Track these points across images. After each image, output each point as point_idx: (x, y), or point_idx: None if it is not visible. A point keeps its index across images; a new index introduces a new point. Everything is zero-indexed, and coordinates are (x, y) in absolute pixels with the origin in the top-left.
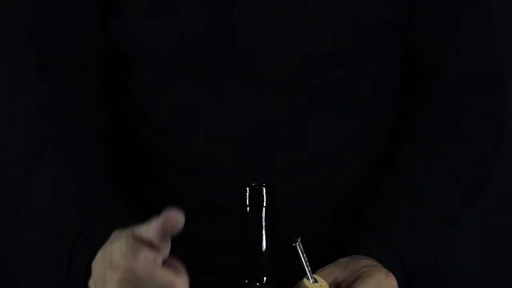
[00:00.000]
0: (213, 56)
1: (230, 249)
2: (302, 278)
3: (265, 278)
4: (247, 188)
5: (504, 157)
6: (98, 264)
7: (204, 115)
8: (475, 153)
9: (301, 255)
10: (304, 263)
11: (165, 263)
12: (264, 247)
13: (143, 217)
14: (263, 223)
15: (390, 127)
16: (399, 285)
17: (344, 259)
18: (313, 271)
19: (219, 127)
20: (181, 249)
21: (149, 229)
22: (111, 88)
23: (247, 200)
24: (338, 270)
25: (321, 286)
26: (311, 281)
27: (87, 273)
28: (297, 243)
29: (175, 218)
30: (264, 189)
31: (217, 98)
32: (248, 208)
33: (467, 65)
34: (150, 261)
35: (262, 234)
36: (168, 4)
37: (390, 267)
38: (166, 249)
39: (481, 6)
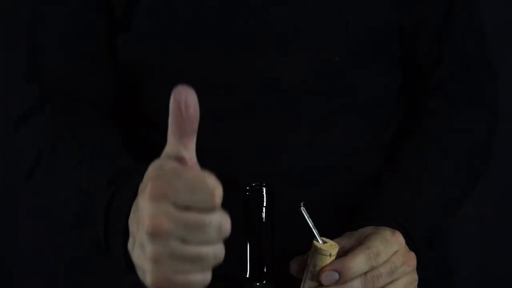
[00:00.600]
0: (228, 67)
1: (230, 252)
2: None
3: (265, 278)
4: (247, 188)
5: (504, 157)
6: (132, 211)
7: (222, 123)
8: (470, 140)
9: (307, 218)
10: (311, 226)
11: None
12: (264, 247)
13: None
14: (263, 223)
15: (398, 127)
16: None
17: (348, 232)
18: None
19: (238, 136)
20: None
21: (169, 135)
22: (122, 103)
23: (247, 200)
24: (343, 240)
25: (331, 245)
26: (320, 242)
27: (125, 236)
28: (302, 208)
29: (184, 91)
30: (264, 189)
31: (234, 107)
32: (248, 208)
33: (460, 60)
34: (177, 166)
35: (262, 234)
36: (176, 18)
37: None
38: (191, 150)
39: (471, 3)
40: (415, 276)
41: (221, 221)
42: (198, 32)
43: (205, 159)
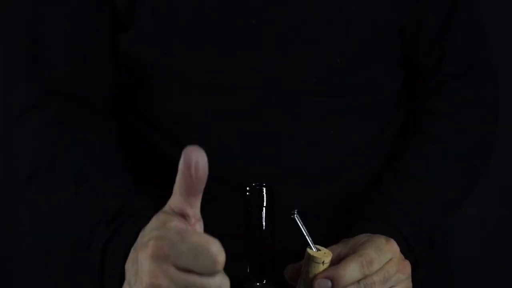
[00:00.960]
0: (228, 67)
1: (230, 252)
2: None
3: (265, 278)
4: (247, 188)
5: (504, 157)
6: (130, 257)
7: (222, 123)
8: (470, 140)
9: (300, 226)
10: (305, 233)
11: None
12: (264, 247)
13: None
14: (263, 223)
15: (398, 127)
16: (405, 257)
17: (345, 239)
18: None
19: (239, 136)
20: None
21: (175, 192)
22: (122, 103)
23: (247, 200)
24: (339, 247)
25: (324, 253)
26: (314, 250)
27: (121, 278)
28: (295, 215)
29: (195, 152)
30: (264, 189)
31: (234, 107)
32: (248, 208)
33: (460, 60)
34: (182, 227)
35: (262, 234)
36: (176, 18)
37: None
38: (196, 207)
39: (471, 3)
40: (409, 284)
41: (221, 284)
42: (198, 32)
43: (219, 167)
